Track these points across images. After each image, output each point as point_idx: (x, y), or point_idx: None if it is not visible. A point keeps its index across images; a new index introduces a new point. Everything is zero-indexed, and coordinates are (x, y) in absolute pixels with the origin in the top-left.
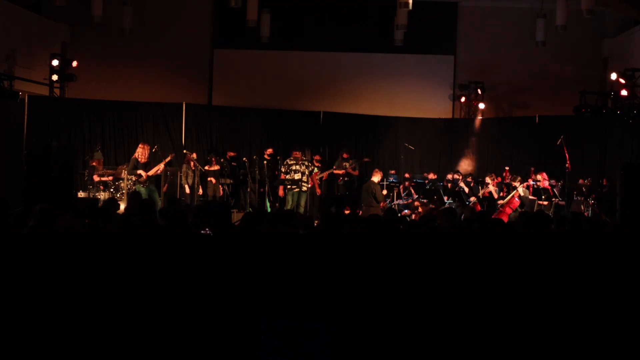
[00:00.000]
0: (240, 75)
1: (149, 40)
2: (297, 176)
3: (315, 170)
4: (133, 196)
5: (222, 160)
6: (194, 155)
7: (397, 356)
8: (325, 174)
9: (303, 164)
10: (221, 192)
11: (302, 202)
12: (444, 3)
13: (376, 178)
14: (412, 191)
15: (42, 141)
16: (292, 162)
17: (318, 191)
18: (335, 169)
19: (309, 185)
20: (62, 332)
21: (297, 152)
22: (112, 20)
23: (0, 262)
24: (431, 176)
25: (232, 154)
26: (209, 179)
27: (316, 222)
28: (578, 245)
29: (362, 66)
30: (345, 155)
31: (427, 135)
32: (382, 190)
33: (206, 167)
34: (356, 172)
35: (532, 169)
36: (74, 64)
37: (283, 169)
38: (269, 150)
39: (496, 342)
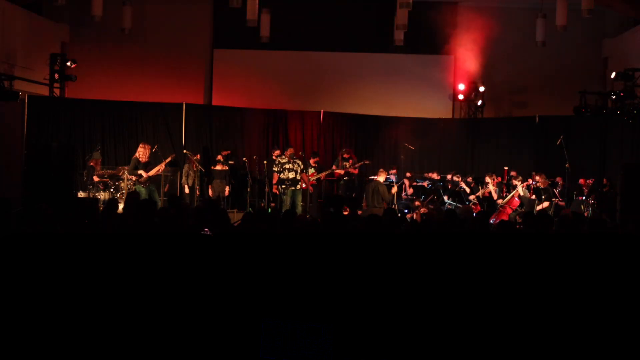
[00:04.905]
0: (240, 75)
1: (149, 40)
2: (291, 175)
3: (312, 170)
4: (131, 197)
5: (231, 162)
6: (198, 156)
7: (397, 356)
8: (322, 174)
9: (296, 162)
10: (227, 192)
11: (299, 201)
12: (444, 3)
13: (381, 178)
14: (411, 190)
15: (42, 141)
16: (284, 160)
17: (311, 189)
18: (335, 169)
19: (302, 184)
20: (62, 330)
21: (291, 149)
22: (112, 20)
23: (0, 262)
24: (434, 176)
25: (225, 152)
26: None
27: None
28: (578, 245)
29: (362, 66)
30: (346, 155)
31: (427, 135)
32: (391, 190)
33: (212, 167)
34: (356, 171)
35: (533, 173)
36: (74, 64)
37: (276, 169)
38: (276, 152)
39: (496, 341)
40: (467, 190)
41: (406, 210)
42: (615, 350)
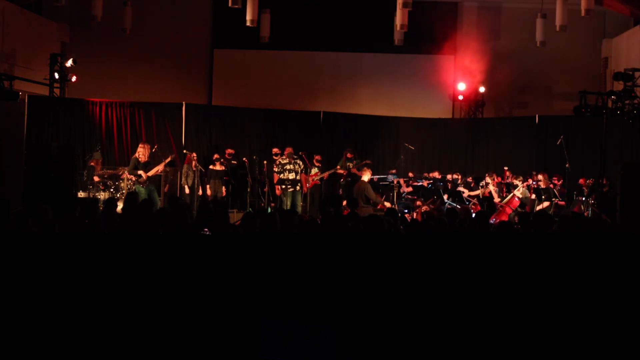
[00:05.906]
0: (240, 75)
1: (149, 40)
2: (291, 175)
3: (315, 170)
4: (129, 197)
5: (224, 161)
6: (194, 155)
7: (397, 356)
8: (326, 174)
9: (296, 163)
10: (224, 192)
11: (299, 202)
12: (444, 3)
13: (366, 177)
14: (409, 189)
15: (42, 141)
16: (285, 161)
17: (305, 189)
18: (339, 169)
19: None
20: (61, 330)
21: (290, 148)
22: (112, 20)
23: (0, 262)
24: (435, 175)
25: (230, 151)
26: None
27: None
28: (578, 245)
29: (362, 66)
30: (349, 155)
31: (427, 135)
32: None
33: (210, 167)
34: (358, 173)
35: (534, 172)
36: (74, 64)
37: (276, 169)
38: (275, 150)
39: (496, 341)
40: (465, 193)
41: (406, 210)
42: (616, 350)
